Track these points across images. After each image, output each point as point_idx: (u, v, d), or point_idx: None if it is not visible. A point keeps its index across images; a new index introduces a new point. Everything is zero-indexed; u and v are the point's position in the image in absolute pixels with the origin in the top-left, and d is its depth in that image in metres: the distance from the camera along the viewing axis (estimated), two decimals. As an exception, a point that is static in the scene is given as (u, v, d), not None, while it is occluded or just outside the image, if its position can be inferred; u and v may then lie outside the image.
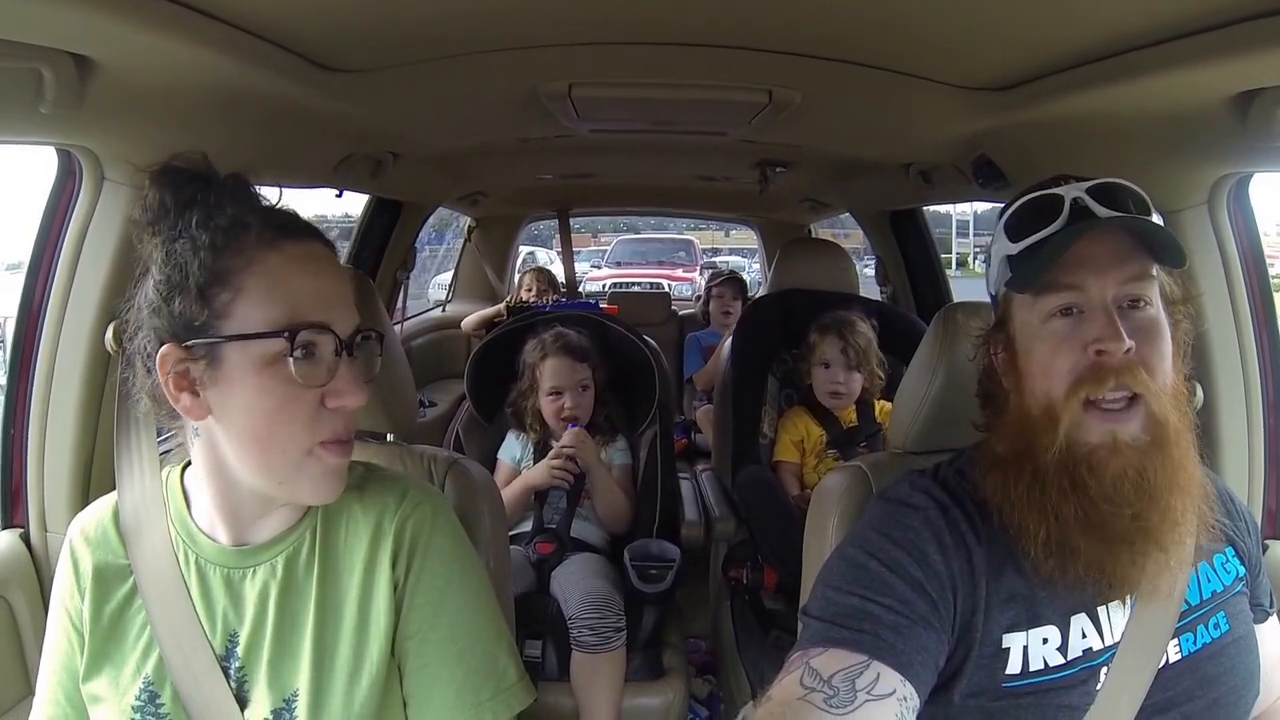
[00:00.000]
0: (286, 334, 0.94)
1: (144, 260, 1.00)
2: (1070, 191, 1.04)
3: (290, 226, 0.99)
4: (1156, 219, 1.03)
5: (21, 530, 1.53)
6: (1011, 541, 1.05)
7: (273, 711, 1.02)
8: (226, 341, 0.95)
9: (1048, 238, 1.03)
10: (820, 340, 2.61)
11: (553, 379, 2.48)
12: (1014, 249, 1.07)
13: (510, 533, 2.30)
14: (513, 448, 2.58)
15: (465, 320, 4.65)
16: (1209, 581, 1.10)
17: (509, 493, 2.38)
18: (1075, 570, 1.01)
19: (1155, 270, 1.03)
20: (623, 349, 2.70)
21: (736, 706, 2.33)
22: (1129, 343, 0.98)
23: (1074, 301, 1.02)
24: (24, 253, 1.51)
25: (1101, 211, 1.02)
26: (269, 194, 1.04)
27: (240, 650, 1.04)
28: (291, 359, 0.94)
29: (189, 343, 0.95)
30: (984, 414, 1.18)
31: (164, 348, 0.95)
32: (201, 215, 0.96)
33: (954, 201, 3.49)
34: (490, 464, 2.57)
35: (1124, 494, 0.99)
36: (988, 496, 1.08)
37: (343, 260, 2.98)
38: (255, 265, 0.95)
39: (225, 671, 1.03)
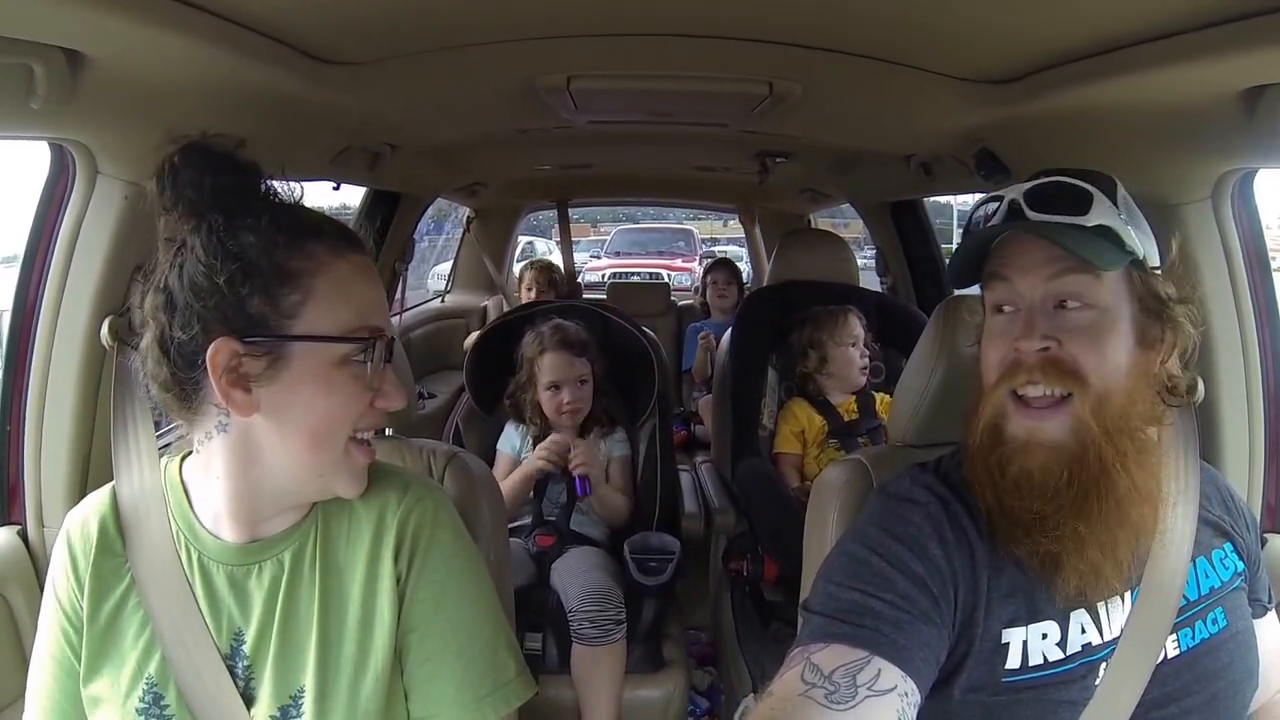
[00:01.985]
0: (358, 339, 0.99)
1: (169, 241, 0.99)
2: (1011, 192, 1.08)
3: (354, 238, 1.04)
4: (1102, 217, 1.04)
5: (19, 527, 1.52)
6: None
7: (279, 709, 1.02)
8: (299, 342, 0.96)
9: (976, 237, 1.09)
10: (842, 322, 2.63)
11: (551, 374, 2.47)
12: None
13: (510, 525, 2.31)
14: (512, 438, 2.58)
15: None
16: (1207, 577, 1.11)
17: (507, 485, 2.38)
18: (1001, 549, 1.05)
19: (1099, 271, 1.03)
20: (622, 341, 2.70)
21: (737, 698, 2.34)
22: (1041, 343, 1.01)
23: (1008, 299, 1.07)
24: (19, 246, 1.50)
25: (1030, 213, 1.05)
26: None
27: (247, 649, 1.04)
28: (368, 364, 1.00)
29: (253, 339, 0.95)
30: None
31: (218, 342, 0.95)
32: (270, 211, 0.97)
33: (955, 193, 3.48)
34: (490, 456, 2.57)
35: (1023, 490, 1.02)
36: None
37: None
38: (326, 271, 0.98)
39: (231, 670, 1.03)
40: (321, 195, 2.65)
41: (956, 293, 1.41)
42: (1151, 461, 1.06)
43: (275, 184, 1.01)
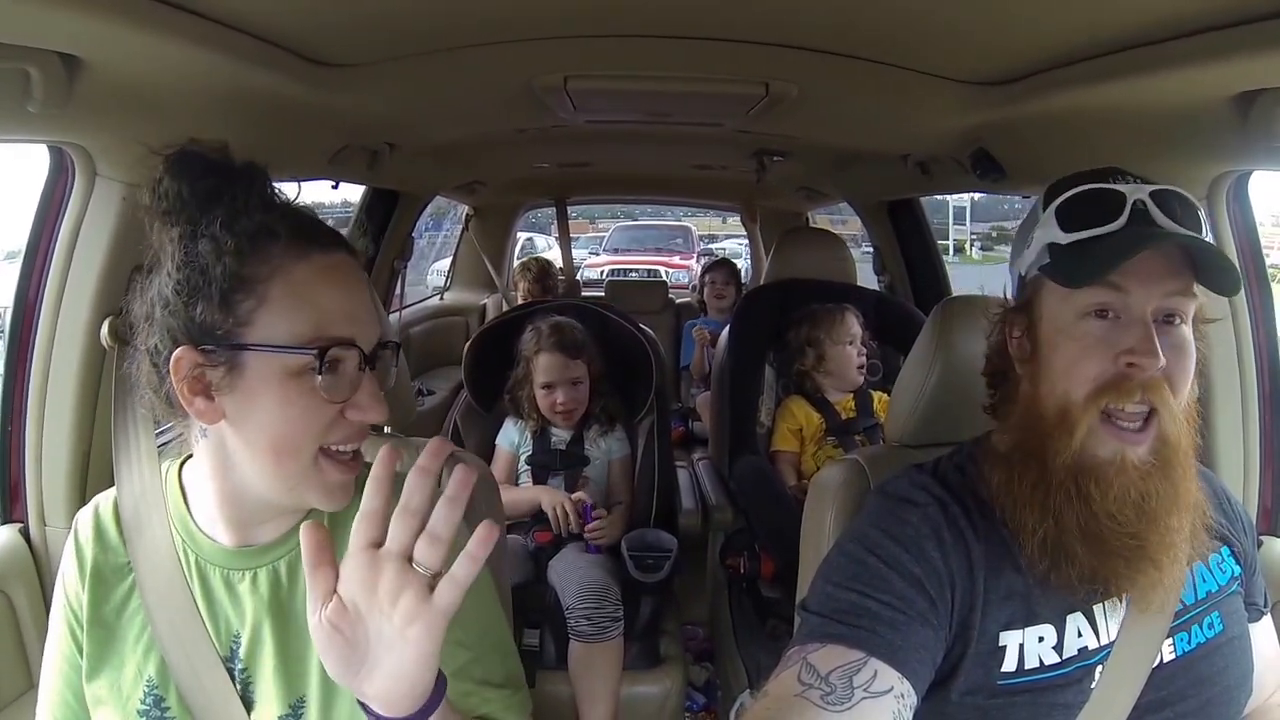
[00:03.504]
0: (316, 351, 0.92)
1: (154, 251, 0.97)
2: (1133, 192, 1.00)
3: (319, 236, 0.97)
4: (1208, 234, 1.00)
5: (21, 525, 1.53)
6: (1010, 539, 1.05)
7: (280, 717, 1.02)
8: (250, 350, 0.93)
9: (1103, 237, 0.99)
10: (839, 321, 2.64)
11: (545, 374, 2.49)
12: (1064, 238, 1.02)
13: (508, 522, 2.32)
14: (511, 433, 2.59)
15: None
16: (1204, 581, 1.10)
17: (516, 496, 2.42)
18: (1069, 574, 1.01)
19: (1197, 289, 1.00)
20: (620, 338, 2.71)
21: (733, 694, 2.35)
22: (1164, 360, 0.96)
23: (1112, 304, 0.99)
24: (22, 242, 1.50)
25: (1162, 220, 0.98)
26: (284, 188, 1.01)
27: (242, 652, 1.03)
28: (320, 375, 0.93)
29: (207, 348, 0.93)
30: (990, 394, 1.17)
31: (179, 351, 0.93)
32: (227, 215, 0.93)
33: (952, 192, 3.48)
34: (488, 453, 2.58)
35: (1125, 514, 0.99)
36: (991, 491, 1.08)
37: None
38: (281, 275, 0.93)
39: (230, 673, 1.03)
40: (322, 193, 2.66)
41: (955, 293, 1.41)
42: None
43: (253, 179, 0.97)
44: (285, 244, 0.94)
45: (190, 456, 1.07)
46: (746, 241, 6.83)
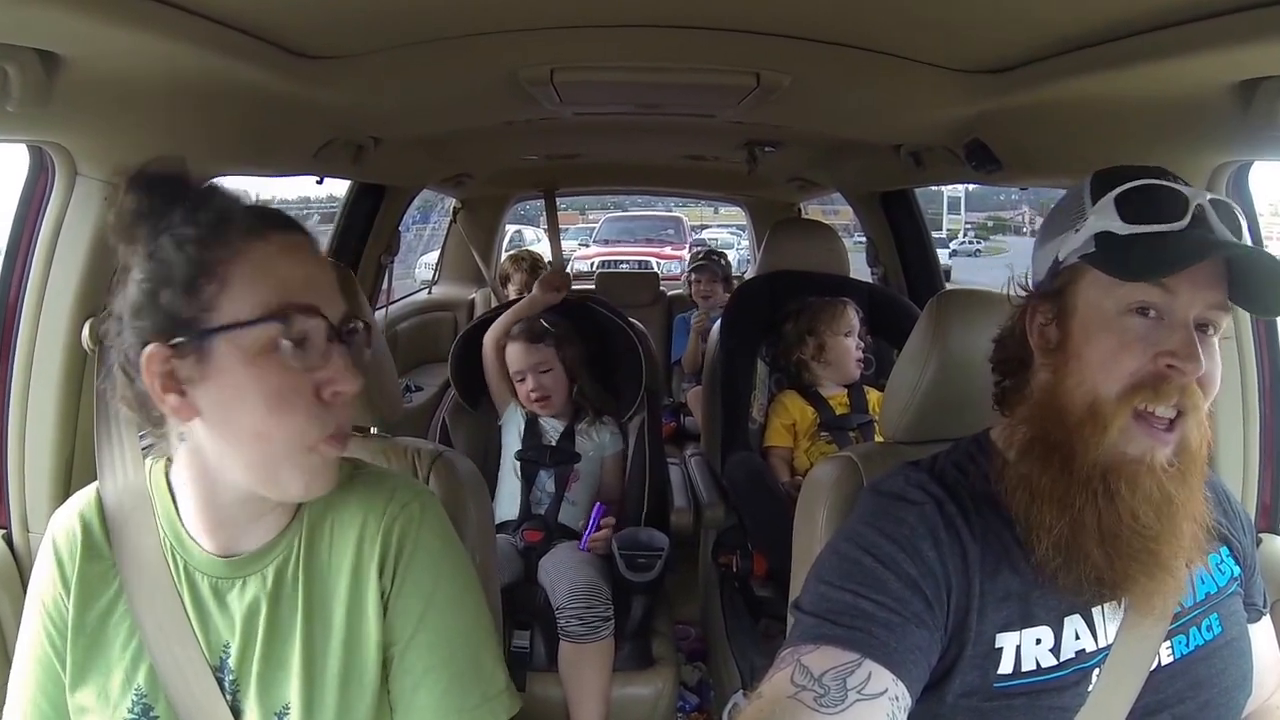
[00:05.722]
0: (279, 318, 0.92)
1: (123, 265, 0.96)
2: (1194, 195, 0.98)
3: (275, 217, 0.98)
4: (1247, 239, 1.00)
5: (3, 531, 1.51)
6: (1012, 538, 1.03)
7: None
8: (216, 333, 0.91)
9: (1164, 235, 0.98)
10: (840, 313, 2.63)
11: (513, 363, 2.53)
12: (1122, 229, 0.99)
13: (497, 520, 2.31)
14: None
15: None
16: (1203, 584, 1.09)
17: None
18: (1079, 574, 0.99)
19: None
20: (609, 333, 2.70)
21: (726, 693, 2.34)
22: (1201, 366, 0.95)
23: (1157, 304, 0.97)
24: (1, 242, 1.49)
25: (1219, 228, 0.98)
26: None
27: (232, 662, 1.02)
28: (288, 343, 0.92)
29: (176, 340, 0.91)
30: (998, 381, 1.15)
31: (149, 348, 0.91)
32: (185, 211, 0.93)
33: (946, 183, 3.48)
34: (477, 452, 2.57)
35: (1147, 515, 0.98)
36: (1004, 487, 1.06)
37: (325, 245, 2.98)
38: (242, 255, 0.93)
39: (220, 683, 1.01)
40: (309, 186, 2.65)
41: (948, 286, 1.39)
42: None
43: (215, 182, 0.98)
44: (245, 227, 0.94)
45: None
46: (737, 231, 6.81)
